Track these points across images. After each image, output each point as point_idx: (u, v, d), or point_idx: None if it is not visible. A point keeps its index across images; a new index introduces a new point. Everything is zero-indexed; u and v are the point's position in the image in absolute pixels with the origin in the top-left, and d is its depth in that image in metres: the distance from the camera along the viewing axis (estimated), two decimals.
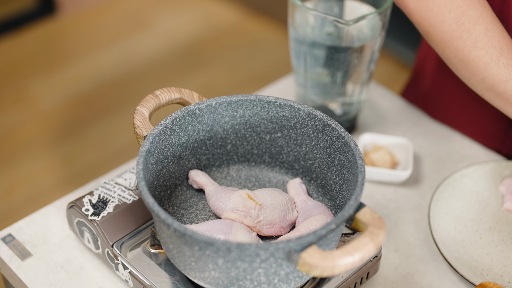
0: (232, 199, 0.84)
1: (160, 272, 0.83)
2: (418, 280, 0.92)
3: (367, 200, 1.04)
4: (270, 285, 0.74)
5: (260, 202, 0.84)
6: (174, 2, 2.93)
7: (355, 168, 0.80)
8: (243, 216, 0.83)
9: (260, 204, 0.84)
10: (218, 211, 0.85)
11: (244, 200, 0.84)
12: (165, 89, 0.87)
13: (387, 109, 1.22)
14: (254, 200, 0.84)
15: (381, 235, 0.71)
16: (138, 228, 0.89)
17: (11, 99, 2.39)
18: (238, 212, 0.83)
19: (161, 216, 0.72)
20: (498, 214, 1.00)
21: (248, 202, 0.84)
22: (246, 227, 0.82)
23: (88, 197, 0.89)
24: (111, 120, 2.31)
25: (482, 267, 0.93)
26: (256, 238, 0.82)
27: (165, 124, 0.83)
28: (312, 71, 1.08)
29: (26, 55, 2.60)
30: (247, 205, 0.83)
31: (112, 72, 2.52)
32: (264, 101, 0.88)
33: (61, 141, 2.23)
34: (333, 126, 0.84)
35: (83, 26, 2.77)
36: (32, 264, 0.92)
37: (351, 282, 0.85)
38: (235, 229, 0.81)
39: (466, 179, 1.02)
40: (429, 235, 0.99)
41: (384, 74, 2.46)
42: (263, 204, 0.84)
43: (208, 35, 2.74)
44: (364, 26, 1.03)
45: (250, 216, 0.83)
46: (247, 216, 0.83)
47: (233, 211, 0.83)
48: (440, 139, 1.16)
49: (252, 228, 0.83)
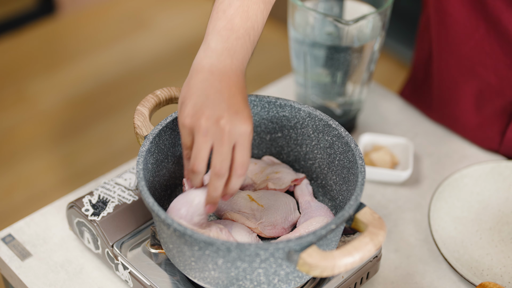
0: (234, 200, 0.84)
1: (160, 272, 0.83)
2: (418, 280, 0.92)
3: (367, 200, 1.04)
4: (270, 285, 0.74)
5: (262, 204, 0.84)
6: (174, 2, 2.93)
7: (355, 168, 0.80)
8: (245, 218, 0.83)
9: (262, 205, 0.84)
10: (219, 212, 0.85)
11: (246, 201, 0.84)
12: (165, 88, 0.87)
13: (387, 109, 1.22)
14: (256, 202, 0.84)
15: (381, 235, 0.71)
16: (138, 228, 0.89)
17: (11, 99, 2.39)
18: (240, 214, 0.83)
19: (161, 216, 0.72)
20: (498, 214, 1.00)
21: (250, 203, 0.84)
22: (246, 229, 0.82)
23: (88, 197, 0.89)
24: (111, 120, 2.31)
25: (482, 267, 0.93)
26: (256, 238, 0.82)
27: (165, 124, 0.83)
28: (312, 71, 1.08)
29: (26, 55, 2.60)
30: (249, 206, 0.83)
31: (112, 72, 2.52)
32: (264, 101, 0.88)
33: (61, 141, 2.23)
34: (333, 126, 0.84)
35: (83, 26, 2.77)
36: (32, 264, 0.92)
37: (351, 282, 0.85)
38: (235, 229, 0.81)
39: (466, 179, 1.02)
40: (429, 235, 0.99)
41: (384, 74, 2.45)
42: (265, 205, 0.84)
43: None
44: (364, 26, 1.03)
45: (253, 218, 0.83)
46: (249, 217, 0.83)
47: (235, 212, 0.83)
48: (440, 139, 1.16)
49: (254, 229, 0.83)
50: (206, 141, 0.72)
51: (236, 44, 0.77)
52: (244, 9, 0.78)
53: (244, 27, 0.78)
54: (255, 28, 0.79)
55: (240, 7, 0.78)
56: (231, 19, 0.78)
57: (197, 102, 0.73)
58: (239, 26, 0.78)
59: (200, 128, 0.72)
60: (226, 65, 0.76)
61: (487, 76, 1.06)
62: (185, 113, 0.73)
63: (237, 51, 0.77)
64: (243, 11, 0.78)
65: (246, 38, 0.78)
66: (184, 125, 0.74)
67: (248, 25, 0.78)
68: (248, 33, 0.78)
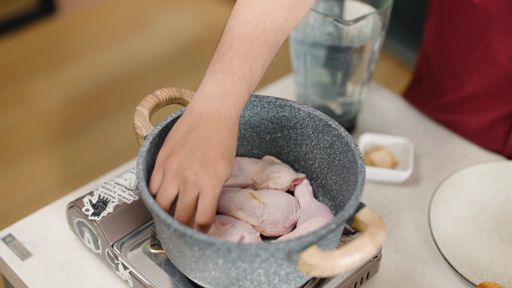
0: (236, 197, 0.84)
1: (160, 272, 0.83)
2: (418, 280, 0.92)
3: (367, 200, 1.04)
4: (270, 285, 0.74)
5: (264, 202, 0.84)
6: (174, 2, 2.93)
7: (355, 168, 0.80)
8: (248, 215, 0.83)
9: (263, 203, 0.84)
10: (222, 209, 0.85)
11: (248, 199, 0.84)
12: (165, 89, 0.87)
13: (387, 109, 1.22)
14: (258, 199, 0.84)
15: (381, 235, 0.71)
16: (138, 228, 0.89)
17: (11, 99, 2.39)
18: (243, 211, 0.83)
19: (161, 216, 0.72)
20: (498, 214, 1.00)
21: (252, 201, 0.84)
22: (249, 227, 0.82)
23: (88, 197, 0.89)
24: (111, 120, 2.31)
25: (482, 267, 0.93)
26: (258, 238, 0.82)
27: (165, 124, 0.83)
28: (312, 71, 1.08)
29: (26, 55, 2.60)
30: (251, 203, 0.83)
31: (112, 72, 2.52)
32: (264, 101, 0.88)
33: (61, 141, 2.23)
34: (333, 126, 0.84)
35: (83, 26, 2.77)
36: (32, 264, 0.92)
37: (351, 282, 0.85)
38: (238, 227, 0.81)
39: (466, 179, 1.02)
40: (429, 235, 0.99)
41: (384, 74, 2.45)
42: (267, 203, 0.84)
43: (208, 35, 2.74)
44: (364, 26, 1.03)
45: (255, 215, 0.83)
46: (252, 215, 0.83)
47: (239, 209, 0.83)
48: (440, 139, 1.16)
49: (257, 227, 0.83)
50: (173, 184, 0.74)
51: (230, 88, 0.77)
52: (244, 51, 0.78)
53: (241, 70, 0.78)
54: (253, 71, 0.79)
55: (240, 50, 0.78)
56: (229, 61, 0.78)
57: (177, 144, 0.75)
58: (236, 69, 0.77)
59: (170, 170, 0.74)
60: (215, 110, 0.76)
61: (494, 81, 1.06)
62: (164, 151, 0.76)
63: (230, 95, 0.77)
64: (242, 54, 0.78)
65: (242, 82, 0.77)
66: (159, 161, 0.76)
67: (246, 68, 0.78)
68: (244, 76, 0.78)
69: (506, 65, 1.03)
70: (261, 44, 0.79)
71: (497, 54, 1.02)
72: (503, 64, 1.03)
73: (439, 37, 1.11)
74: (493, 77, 1.05)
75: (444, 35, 1.09)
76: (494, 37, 1.01)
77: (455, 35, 1.07)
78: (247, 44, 0.78)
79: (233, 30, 0.80)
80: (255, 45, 0.79)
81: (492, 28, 1.01)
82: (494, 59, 1.03)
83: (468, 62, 1.07)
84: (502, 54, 1.02)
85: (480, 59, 1.05)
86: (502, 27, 1.00)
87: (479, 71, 1.06)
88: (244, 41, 0.79)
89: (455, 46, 1.08)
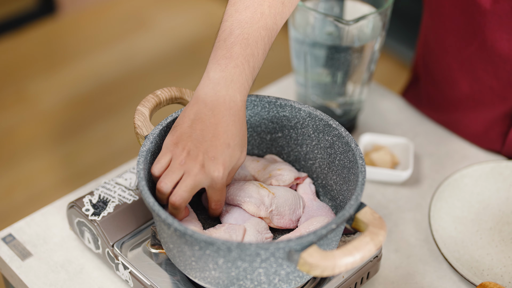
0: (246, 187, 0.84)
1: (161, 272, 0.83)
2: (418, 280, 0.92)
3: (368, 200, 1.04)
4: (271, 285, 0.74)
5: (273, 192, 0.85)
6: (174, 2, 2.93)
7: (355, 168, 0.80)
8: (256, 206, 0.83)
9: (273, 193, 0.84)
10: (232, 197, 0.84)
11: (258, 188, 0.84)
12: (165, 88, 0.87)
13: (387, 109, 1.22)
14: (267, 189, 0.84)
15: (382, 235, 0.71)
16: (138, 228, 0.89)
17: (11, 99, 2.39)
18: (252, 199, 0.83)
19: (162, 215, 0.72)
20: (499, 214, 1.00)
21: (261, 190, 0.84)
22: (257, 226, 0.82)
23: (89, 197, 0.89)
24: (111, 120, 2.31)
25: (483, 267, 0.93)
26: (267, 240, 0.82)
27: (166, 124, 0.83)
28: (312, 71, 1.08)
29: (26, 55, 2.60)
30: (261, 192, 0.84)
31: (113, 72, 2.52)
32: (264, 101, 0.88)
33: (61, 141, 2.23)
34: (334, 126, 0.84)
35: (84, 26, 2.77)
36: (33, 264, 0.92)
37: (351, 282, 0.85)
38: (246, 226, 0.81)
39: (466, 179, 1.02)
40: (429, 235, 0.99)
41: (385, 74, 2.46)
42: (276, 194, 0.84)
43: (208, 35, 2.74)
44: (365, 26, 1.03)
45: (263, 204, 0.83)
46: (261, 204, 0.83)
47: (249, 198, 0.83)
48: (440, 139, 1.16)
49: (265, 219, 0.83)
50: (180, 169, 0.76)
51: (234, 73, 0.78)
52: (244, 36, 0.79)
53: (243, 55, 0.79)
54: (255, 55, 0.80)
55: (240, 35, 0.79)
56: (231, 47, 0.79)
57: (185, 132, 0.77)
58: (238, 53, 0.78)
59: (179, 156, 0.76)
60: (220, 96, 0.77)
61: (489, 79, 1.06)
62: (172, 137, 0.78)
63: (234, 80, 0.78)
64: (243, 39, 0.79)
65: (245, 66, 0.79)
66: (167, 146, 0.78)
67: (247, 52, 0.79)
68: (247, 61, 0.79)
69: (500, 63, 1.03)
70: (260, 28, 0.80)
71: (491, 51, 1.02)
72: (497, 61, 1.03)
73: (434, 33, 1.11)
74: (488, 74, 1.05)
75: (439, 31, 1.10)
76: (488, 34, 1.01)
77: (450, 31, 1.07)
78: (246, 29, 0.80)
79: (232, 17, 0.81)
80: (254, 30, 0.80)
81: (486, 25, 1.01)
82: (489, 55, 1.03)
83: (463, 58, 1.07)
84: (497, 52, 1.02)
85: (475, 55, 1.05)
86: (496, 24, 1.00)
87: (474, 68, 1.06)
88: (243, 26, 0.80)
89: (450, 42, 1.08)
